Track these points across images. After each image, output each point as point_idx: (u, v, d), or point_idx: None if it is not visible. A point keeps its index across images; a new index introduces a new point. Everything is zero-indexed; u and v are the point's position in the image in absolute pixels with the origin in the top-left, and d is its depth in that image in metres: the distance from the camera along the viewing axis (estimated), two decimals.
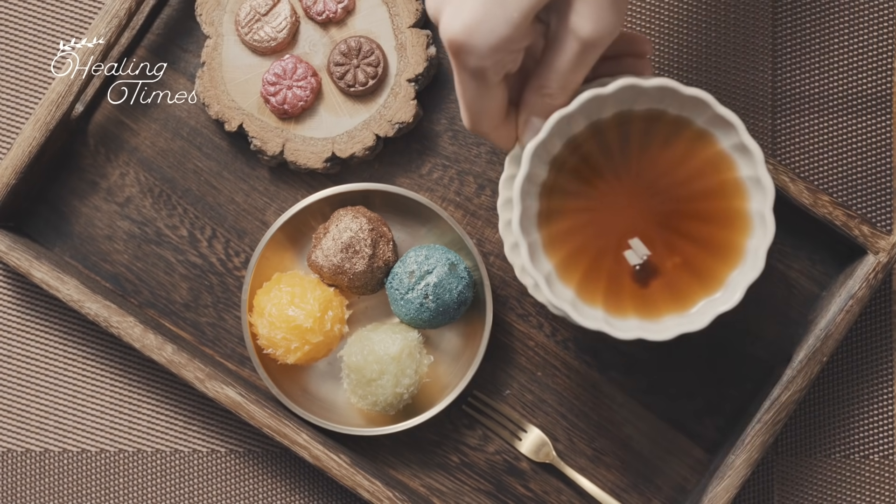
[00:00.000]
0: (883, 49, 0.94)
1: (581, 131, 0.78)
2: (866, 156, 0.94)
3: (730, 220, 0.79)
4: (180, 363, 0.89)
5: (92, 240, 0.94)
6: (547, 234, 0.78)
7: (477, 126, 0.76)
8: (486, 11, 0.70)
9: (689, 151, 0.79)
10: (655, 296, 0.80)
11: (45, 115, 0.89)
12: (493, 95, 0.74)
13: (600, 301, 0.79)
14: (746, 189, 0.78)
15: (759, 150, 0.76)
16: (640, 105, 0.77)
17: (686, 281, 0.80)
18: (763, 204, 0.77)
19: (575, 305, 0.78)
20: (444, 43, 0.73)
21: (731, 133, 0.77)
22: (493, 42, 0.71)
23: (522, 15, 0.70)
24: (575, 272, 0.79)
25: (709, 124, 0.77)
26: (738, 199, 0.78)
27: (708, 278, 0.79)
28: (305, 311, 0.88)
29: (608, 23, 0.72)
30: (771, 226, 0.76)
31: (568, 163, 0.78)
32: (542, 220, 0.78)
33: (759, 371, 0.92)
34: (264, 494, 0.95)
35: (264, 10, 0.90)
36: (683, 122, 0.78)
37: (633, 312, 0.79)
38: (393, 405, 0.89)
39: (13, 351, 0.95)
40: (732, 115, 0.76)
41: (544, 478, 0.93)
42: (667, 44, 0.94)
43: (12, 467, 0.95)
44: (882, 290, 0.94)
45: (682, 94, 0.76)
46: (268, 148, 0.91)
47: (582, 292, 0.79)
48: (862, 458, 0.94)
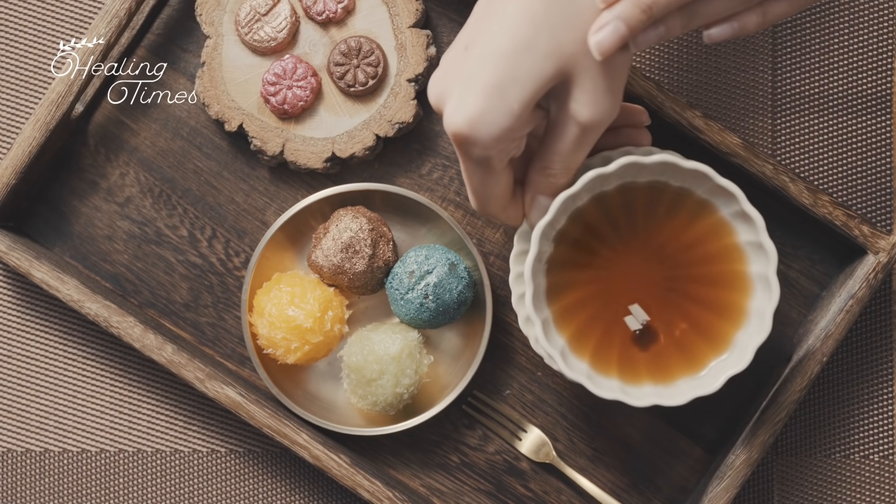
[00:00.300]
0: (883, 49, 0.94)
1: (585, 204, 0.80)
2: (866, 156, 0.94)
3: (732, 282, 0.82)
4: (180, 363, 0.89)
5: (92, 240, 0.94)
6: (557, 309, 0.81)
7: (485, 209, 0.79)
8: (487, 104, 0.72)
9: (691, 219, 0.81)
10: (667, 359, 0.83)
11: (45, 115, 0.89)
12: (498, 181, 0.77)
13: (615, 370, 0.82)
14: (747, 253, 0.81)
15: (760, 218, 0.79)
16: (643, 178, 0.80)
17: (695, 342, 0.83)
18: (766, 267, 0.80)
19: (591, 377, 0.81)
20: (448, 134, 0.75)
21: (731, 202, 0.80)
22: (495, 133, 0.73)
23: (522, 106, 0.72)
24: (587, 343, 0.82)
25: (709, 194, 0.80)
26: (739, 263, 0.81)
27: (716, 339, 0.82)
28: (305, 311, 0.88)
29: (605, 108, 0.74)
30: (776, 289, 0.80)
31: (573, 236, 0.81)
32: (551, 294, 0.81)
33: (759, 371, 0.92)
34: (264, 494, 0.95)
35: (264, 10, 0.90)
36: (685, 193, 0.81)
37: (647, 378, 0.82)
38: (393, 405, 0.89)
39: (13, 351, 0.95)
40: (733, 185, 0.79)
41: (544, 478, 0.93)
42: (667, 44, 0.94)
43: (12, 467, 0.95)
44: (882, 290, 0.94)
45: (682, 168, 0.79)
46: (268, 148, 0.91)
47: (596, 363, 0.82)
48: (862, 458, 0.94)
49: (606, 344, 0.83)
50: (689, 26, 0.72)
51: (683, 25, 0.72)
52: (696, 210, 0.81)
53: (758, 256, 0.81)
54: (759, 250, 0.80)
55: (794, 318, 0.93)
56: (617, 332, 0.83)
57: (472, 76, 0.73)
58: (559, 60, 0.72)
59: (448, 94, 0.74)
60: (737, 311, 0.82)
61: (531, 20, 0.71)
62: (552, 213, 0.78)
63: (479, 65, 0.72)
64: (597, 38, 0.71)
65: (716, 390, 0.81)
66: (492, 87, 0.72)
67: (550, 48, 0.71)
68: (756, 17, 0.73)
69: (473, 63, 0.73)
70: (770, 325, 0.80)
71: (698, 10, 0.72)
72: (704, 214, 0.81)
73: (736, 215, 0.80)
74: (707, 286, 0.83)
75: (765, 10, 0.73)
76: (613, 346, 0.83)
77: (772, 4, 0.73)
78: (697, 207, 0.81)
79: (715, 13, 0.72)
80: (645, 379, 0.83)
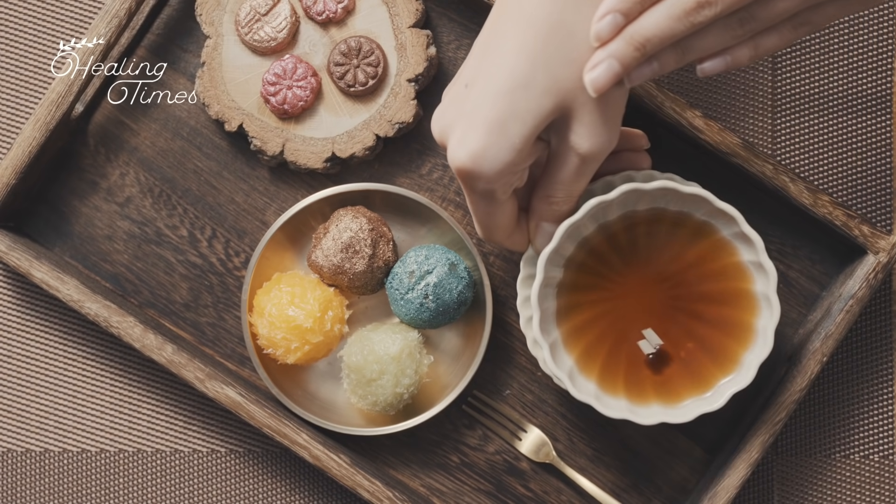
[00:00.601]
0: (883, 49, 0.94)
1: (591, 233, 0.82)
2: (866, 156, 0.94)
3: (738, 300, 0.84)
4: (180, 363, 0.89)
5: (92, 240, 0.94)
6: (566, 330, 0.84)
7: (490, 237, 0.81)
8: (489, 140, 0.74)
9: (693, 240, 0.83)
10: (675, 380, 0.85)
11: (45, 115, 0.89)
12: (503, 211, 0.79)
13: (622, 389, 0.84)
14: (750, 272, 0.83)
15: (760, 239, 0.81)
16: (643, 205, 0.82)
17: (703, 363, 0.85)
18: (767, 286, 0.82)
19: (598, 398, 0.83)
20: (452, 169, 0.77)
21: (731, 224, 0.82)
22: (498, 168, 0.75)
23: (524, 140, 0.74)
24: (595, 363, 0.84)
25: (709, 216, 0.82)
26: (742, 281, 0.83)
27: (724, 359, 0.84)
28: (305, 311, 0.88)
29: (604, 139, 0.76)
30: (776, 308, 0.82)
31: (581, 261, 0.83)
32: (561, 316, 0.83)
33: (760, 371, 0.92)
34: (264, 494, 0.95)
35: (264, 10, 0.90)
36: (684, 216, 0.83)
37: (654, 398, 0.84)
38: (393, 405, 0.89)
39: (13, 351, 0.95)
40: (731, 208, 0.81)
41: (544, 478, 0.93)
42: None
43: (12, 467, 0.95)
44: (882, 290, 0.94)
45: (682, 193, 0.81)
46: (268, 148, 0.91)
47: (603, 383, 0.84)
48: (862, 458, 0.94)
49: (613, 363, 0.84)
50: (682, 61, 0.74)
51: (677, 61, 0.73)
52: (697, 231, 0.83)
53: (760, 276, 0.82)
54: (761, 269, 0.82)
55: (794, 318, 0.93)
56: (623, 351, 0.85)
57: (473, 112, 0.74)
58: (557, 96, 0.74)
59: (451, 131, 0.76)
60: (744, 329, 0.84)
61: (529, 57, 0.73)
62: (556, 240, 0.80)
63: (479, 101, 0.74)
64: (591, 76, 0.73)
65: (720, 407, 0.83)
66: (493, 123, 0.74)
67: (548, 84, 0.73)
68: (748, 50, 0.74)
69: (474, 99, 0.75)
70: (772, 342, 0.82)
71: (691, 45, 0.73)
72: (705, 235, 0.83)
73: (736, 236, 0.82)
74: (713, 304, 0.84)
75: (756, 44, 0.74)
76: (620, 365, 0.85)
77: (763, 38, 0.74)
78: (698, 229, 0.83)
79: (708, 48, 0.73)
80: (652, 398, 0.84)
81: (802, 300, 0.93)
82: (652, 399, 0.84)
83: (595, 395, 0.83)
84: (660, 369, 0.85)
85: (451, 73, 0.93)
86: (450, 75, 0.93)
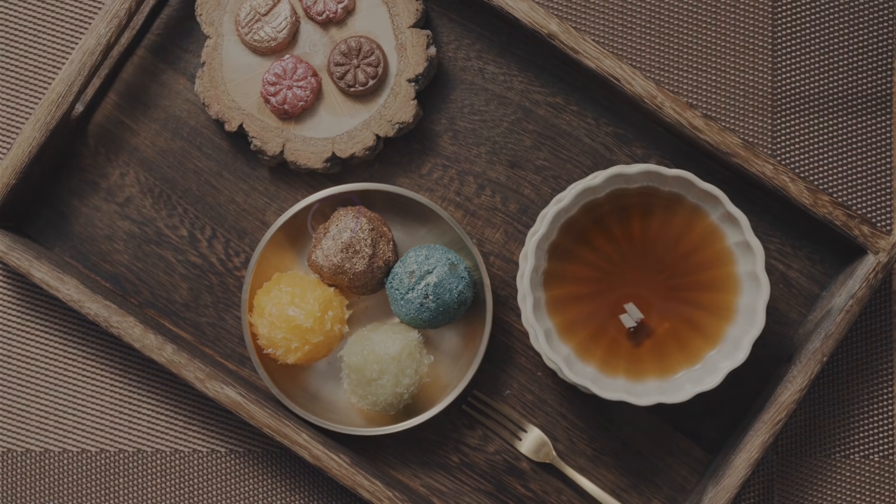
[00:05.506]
0: (883, 49, 0.94)
1: (575, 214, 0.85)
2: (866, 156, 0.94)
3: (722, 284, 0.88)
4: (180, 363, 0.89)
5: (92, 240, 0.94)
6: (561, 321, 0.86)
7: None
8: None
9: (686, 227, 0.86)
10: (667, 350, 0.87)
11: (45, 115, 0.89)
12: None
13: (622, 368, 0.87)
14: (735, 255, 0.86)
15: (744, 217, 0.83)
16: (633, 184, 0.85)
17: (690, 335, 0.87)
18: (754, 265, 0.84)
19: (596, 381, 0.85)
20: None
21: (717, 205, 0.84)
22: None
23: None
24: (596, 349, 0.87)
25: (698, 198, 0.85)
26: (728, 266, 0.87)
27: (708, 333, 0.88)
28: (305, 311, 0.88)
29: None
30: (765, 284, 0.84)
31: (568, 248, 0.86)
32: (555, 306, 0.86)
33: (760, 371, 0.92)
34: (264, 494, 0.95)
35: (264, 10, 0.90)
36: (676, 197, 0.85)
37: (651, 372, 0.87)
38: (393, 405, 0.89)
39: (13, 351, 0.95)
40: (715, 189, 0.83)
41: (544, 478, 0.93)
42: (667, 44, 0.94)
43: (12, 467, 0.95)
44: (882, 290, 0.94)
45: (666, 177, 0.83)
46: (268, 148, 0.91)
47: (605, 365, 0.86)
48: (862, 458, 0.94)
49: (614, 352, 0.87)
50: None
51: None
52: (690, 216, 0.85)
53: (745, 256, 0.84)
54: (747, 249, 0.84)
55: (794, 318, 0.93)
56: (622, 337, 0.87)
57: None
58: None
59: None
60: (725, 308, 0.86)
61: None
62: (546, 226, 0.82)
63: None
64: None
65: (716, 385, 0.84)
66: None
67: None
68: None
69: None
70: (763, 319, 0.84)
71: None
72: (697, 220, 0.85)
73: (723, 218, 0.84)
74: (699, 291, 0.87)
75: None
76: (622, 348, 0.87)
77: None
78: (690, 213, 0.85)
79: None
80: (649, 373, 0.86)
81: (802, 300, 0.93)
82: (649, 374, 0.86)
83: (593, 379, 0.85)
84: (653, 342, 0.87)
85: (452, 72, 0.93)
86: (450, 75, 0.93)
